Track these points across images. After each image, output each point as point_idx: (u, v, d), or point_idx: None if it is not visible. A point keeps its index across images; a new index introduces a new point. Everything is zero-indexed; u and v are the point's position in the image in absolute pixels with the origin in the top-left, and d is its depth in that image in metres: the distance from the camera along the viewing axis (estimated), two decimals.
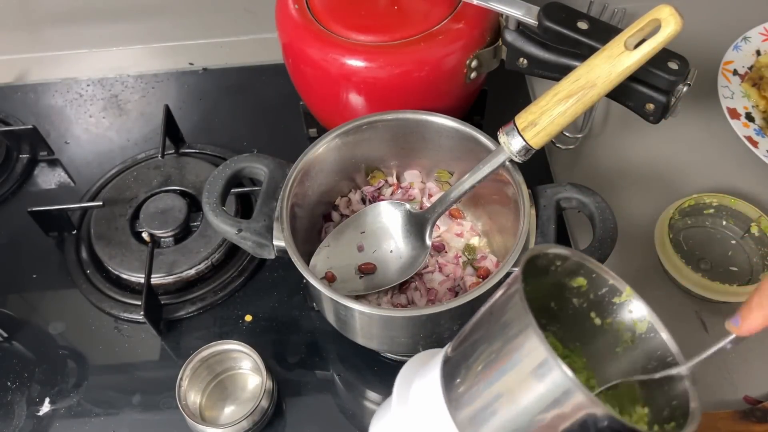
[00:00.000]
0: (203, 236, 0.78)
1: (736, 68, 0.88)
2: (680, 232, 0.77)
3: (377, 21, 0.71)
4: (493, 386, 0.41)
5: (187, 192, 0.82)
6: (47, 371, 0.72)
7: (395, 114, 0.69)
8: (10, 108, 0.95)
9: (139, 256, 0.77)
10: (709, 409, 0.66)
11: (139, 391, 0.70)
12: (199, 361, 0.66)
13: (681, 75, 0.61)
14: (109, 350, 0.74)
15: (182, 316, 0.75)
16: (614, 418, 0.37)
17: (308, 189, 0.69)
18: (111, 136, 0.92)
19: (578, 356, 0.52)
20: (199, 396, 0.68)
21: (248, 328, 0.74)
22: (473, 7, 0.69)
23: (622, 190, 0.81)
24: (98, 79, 0.98)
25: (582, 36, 0.63)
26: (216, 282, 0.77)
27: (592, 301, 0.49)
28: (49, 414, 0.69)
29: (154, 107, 0.94)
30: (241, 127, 0.92)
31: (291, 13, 0.73)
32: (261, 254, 0.65)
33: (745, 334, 0.47)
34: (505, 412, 0.40)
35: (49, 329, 0.75)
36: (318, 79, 0.74)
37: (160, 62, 1.00)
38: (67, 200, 0.82)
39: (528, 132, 0.58)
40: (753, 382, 0.68)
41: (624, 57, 0.53)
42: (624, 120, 0.88)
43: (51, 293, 0.78)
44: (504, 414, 0.41)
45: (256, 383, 0.69)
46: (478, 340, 0.43)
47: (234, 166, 0.68)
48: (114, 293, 0.76)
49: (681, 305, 0.73)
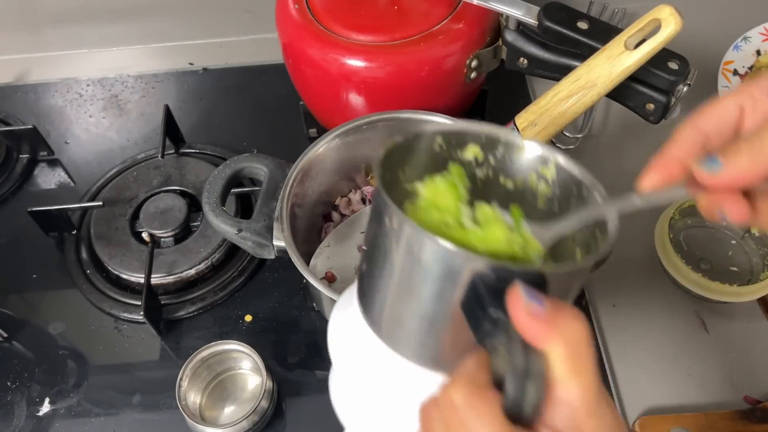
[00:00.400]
0: (203, 236, 0.78)
1: (736, 68, 0.88)
2: (680, 232, 0.77)
3: (377, 21, 0.71)
4: (383, 278, 0.39)
5: (187, 192, 0.82)
6: (47, 371, 0.72)
7: (395, 114, 0.69)
8: (10, 108, 0.95)
9: (139, 256, 0.76)
10: (709, 409, 0.66)
11: (139, 391, 0.70)
12: (199, 361, 0.66)
13: (681, 75, 0.61)
14: (109, 350, 0.74)
15: (182, 316, 0.75)
16: (498, 266, 0.33)
17: (308, 189, 0.69)
18: (111, 136, 0.92)
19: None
20: (199, 396, 0.68)
21: (248, 328, 0.74)
22: (473, 7, 0.69)
23: (622, 190, 0.81)
24: (98, 79, 0.98)
25: (582, 36, 0.63)
26: (216, 282, 0.77)
27: (495, 167, 0.46)
28: (49, 414, 0.69)
29: (154, 107, 0.94)
30: (241, 127, 0.92)
31: (291, 13, 0.73)
32: (261, 254, 0.65)
33: (720, 182, 0.36)
34: (402, 301, 0.38)
35: (49, 329, 0.75)
36: (318, 79, 0.74)
37: (160, 62, 1.00)
38: (67, 200, 0.82)
39: (528, 132, 0.58)
40: (753, 382, 0.68)
41: (624, 57, 0.53)
42: (624, 120, 0.88)
43: (51, 293, 0.78)
44: (402, 304, 0.39)
45: (256, 383, 0.69)
46: (367, 242, 0.42)
47: (234, 166, 0.68)
48: (114, 293, 0.76)
49: (681, 305, 0.73)
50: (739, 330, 0.71)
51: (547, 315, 0.31)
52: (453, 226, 0.39)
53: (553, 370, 0.31)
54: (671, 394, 0.68)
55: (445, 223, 0.39)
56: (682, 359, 0.70)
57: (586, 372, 0.31)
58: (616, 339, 0.71)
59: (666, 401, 0.67)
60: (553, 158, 0.44)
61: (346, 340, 0.46)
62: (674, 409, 0.67)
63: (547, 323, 0.31)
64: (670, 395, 0.68)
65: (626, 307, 0.73)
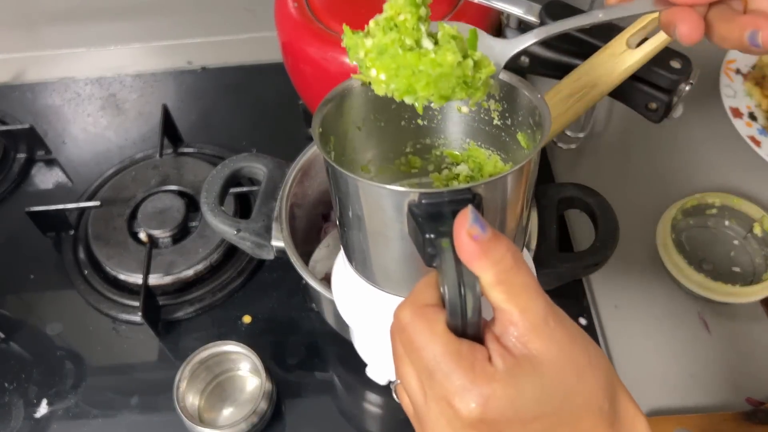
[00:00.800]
0: (201, 236, 0.78)
1: (738, 67, 0.87)
2: (682, 232, 0.77)
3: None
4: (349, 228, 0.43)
5: (186, 192, 0.82)
6: (44, 372, 0.71)
7: None
8: (8, 107, 0.94)
9: (137, 257, 0.76)
10: (711, 411, 0.65)
11: (137, 392, 0.70)
12: (198, 362, 0.66)
13: (683, 74, 0.60)
14: (107, 351, 0.73)
15: (180, 317, 0.75)
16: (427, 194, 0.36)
17: (307, 189, 0.69)
18: (109, 135, 0.92)
19: (476, 150, 0.52)
20: (197, 397, 0.67)
21: (247, 329, 0.73)
22: (474, 6, 0.68)
23: (624, 189, 0.81)
24: (96, 79, 0.98)
25: (583, 34, 0.63)
26: (214, 283, 0.76)
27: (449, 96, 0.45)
28: (47, 416, 0.69)
29: (152, 106, 0.93)
30: (239, 126, 0.91)
31: (290, 12, 0.73)
32: (260, 255, 0.65)
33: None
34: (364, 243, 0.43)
35: (47, 330, 0.75)
36: (317, 78, 0.73)
37: (158, 61, 0.99)
38: (64, 200, 0.81)
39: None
40: (756, 383, 0.68)
41: (626, 56, 0.53)
42: (626, 119, 0.87)
43: (48, 294, 0.78)
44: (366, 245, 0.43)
45: (255, 385, 0.68)
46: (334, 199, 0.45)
47: (232, 165, 0.67)
48: (112, 294, 0.76)
49: (683, 306, 0.73)
50: (742, 331, 0.71)
51: (485, 240, 0.33)
52: (409, 48, 0.39)
53: (488, 295, 0.34)
54: (673, 396, 0.67)
55: (402, 44, 0.39)
56: (684, 360, 0.69)
57: (520, 296, 0.33)
58: (617, 340, 0.71)
59: (668, 402, 0.67)
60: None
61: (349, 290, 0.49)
62: (676, 410, 0.66)
63: (481, 247, 0.33)
64: (672, 396, 0.67)
65: (628, 308, 0.73)
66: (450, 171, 0.55)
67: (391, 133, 0.51)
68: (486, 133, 0.52)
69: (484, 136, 0.52)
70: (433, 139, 0.53)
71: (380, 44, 0.39)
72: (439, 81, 0.39)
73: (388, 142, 0.52)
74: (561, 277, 0.62)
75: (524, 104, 0.46)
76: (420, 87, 0.39)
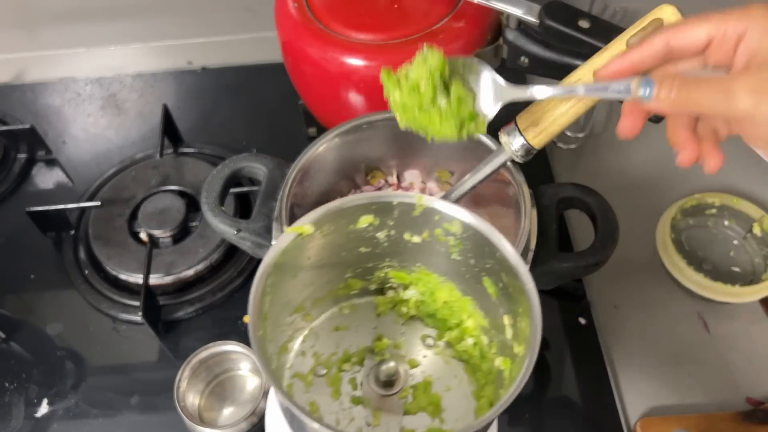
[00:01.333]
0: (202, 236, 0.78)
1: None
2: (682, 232, 0.77)
3: (377, 19, 0.70)
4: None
5: (186, 192, 0.82)
6: (45, 372, 0.72)
7: None
8: (8, 107, 0.94)
9: (138, 257, 0.76)
10: (711, 411, 0.65)
11: (137, 392, 0.70)
12: (198, 362, 0.66)
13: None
14: (108, 351, 0.73)
15: (181, 317, 0.75)
16: None
17: (308, 189, 0.69)
18: (109, 135, 0.92)
19: (427, 275, 0.55)
20: (197, 397, 0.67)
21: (247, 328, 0.73)
22: (474, 6, 0.68)
23: (623, 189, 0.81)
24: (96, 79, 0.98)
25: (583, 35, 0.63)
26: (215, 282, 0.76)
27: (396, 226, 0.51)
28: (47, 415, 0.69)
29: (153, 106, 0.93)
30: (240, 126, 0.91)
31: (290, 12, 0.73)
32: (260, 255, 0.65)
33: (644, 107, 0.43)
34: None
35: (47, 330, 0.75)
36: (317, 78, 0.73)
37: (158, 61, 0.99)
38: (65, 200, 0.81)
39: (529, 132, 0.58)
40: (755, 383, 0.68)
41: None
42: None
43: (49, 294, 0.78)
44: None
45: (255, 384, 0.68)
46: None
47: (233, 165, 0.67)
48: (112, 294, 0.76)
49: (683, 306, 0.73)
50: (741, 331, 0.71)
51: None
52: (425, 108, 0.50)
53: None
54: (673, 395, 0.67)
55: (420, 106, 0.50)
56: (683, 360, 0.70)
57: None
58: (617, 340, 0.71)
59: (668, 402, 0.67)
60: (455, 214, 0.49)
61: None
62: (676, 410, 0.66)
63: None
64: (672, 396, 0.67)
65: (628, 308, 0.73)
66: (396, 293, 0.56)
67: (330, 268, 0.52)
68: (441, 263, 0.53)
69: (438, 264, 0.53)
70: (376, 262, 0.54)
71: (403, 102, 0.50)
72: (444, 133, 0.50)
73: (326, 276, 0.53)
74: (561, 277, 0.62)
75: (496, 257, 0.48)
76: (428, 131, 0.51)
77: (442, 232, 0.50)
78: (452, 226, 0.49)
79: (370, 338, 0.55)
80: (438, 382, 0.54)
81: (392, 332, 0.56)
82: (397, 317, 0.57)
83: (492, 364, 0.52)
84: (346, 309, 0.57)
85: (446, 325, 0.56)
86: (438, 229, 0.50)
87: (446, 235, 0.50)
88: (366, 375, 0.53)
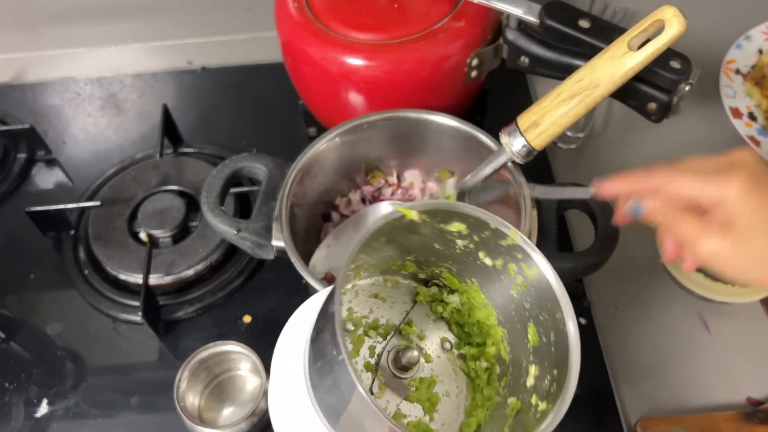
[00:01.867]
0: (202, 236, 0.78)
1: (738, 67, 0.87)
2: None
3: (377, 19, 0.70)
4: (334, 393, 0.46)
5: (186, 192, 0.82)
6: (45, 372, 0.72)
7: (395, 113, 0.68)
8: (8, 107, 0.94)
9: (137, 257, 0.76)
10: (711, 411, 0.65)
11: (137, 392, 0.70)
12: (198, 362, 0.66)
13: (683, 74, 0.60)
14: (107, 351, 0.73)
15: (181, 317, 0.75)
16: None
17: (308, 189, 0.69)
18: (109, 135, 0.92)
19: (476, 292, 0.56)
20: (197, 397, 0.67)
21: (247, 329, 0.73)
22: (474, 6, 0.68)
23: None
24: (96, 78, 0.98)
25: (583, 35, 0.63)
26: (215, 282, 0.76)
27: (478, 243, 0.52)
28: (47, 415, 0.69)
29: (153, 106, 0.93)
30: (239, 126, 0.91)
31: (290, 12, 0.73)
32: (260, 255, 0.65)
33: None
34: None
35: (47, 330, 0.75)
36: (317, 78, 0.73)
37: (158, 61, 0.99)
38: (64, 200, 0.81)
39: (530, 133, 0.58)
40: (756, 383, 0.68)
41: (627, 58, 0.53)
42: (626, 119, 0.87)
43: (49, 294, 0.78)
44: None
45: (255, 384, 0.68)
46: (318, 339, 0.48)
47: (233, 165, 0.67)
48: (112, 294, 0.76)
49: (683, 306, 0.73)
50: (742, 331, 0.71)
51: None
52: None
53: None
54: (673, 396, 0.67)
55: None
56: (684, 360, 0.69)
57: None
58: (617, 340, 0.71)
59: (668, 402, 0.67)
60: (537, 260, 0.50)
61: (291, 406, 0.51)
62: (676, 410, 0.66)
63: None
64: (672, 396, 0.67)
65: (628, 308, 0.73)
66: (440, 291, 0.59)
67: (402, 246, 0.54)
68: (496, 290, 0.55)
69: (492, 290, 0.55)
70: (440, 260, 0.56)
71: None
72: None
73: (393, 251, 0.54)
74: (561, 277, 0.62)
75: (555, 317, 0.49)
76: None
77: (516, 268, 0.52)
78: (529, 270, 0.51)
79: (400, 318, 0.58)
80: (441, 384, 0.56)
81: (421, 323, 0.59)
82: (430, 312, 0.60)
83: (493, 392, 0.54)
84: (389, 282, 0.59)
85: (469, 340, 0.58)
86: (513, 264, 0.52)
87: (518, 273, 0.52)
88: (387, 350, 0.55)
